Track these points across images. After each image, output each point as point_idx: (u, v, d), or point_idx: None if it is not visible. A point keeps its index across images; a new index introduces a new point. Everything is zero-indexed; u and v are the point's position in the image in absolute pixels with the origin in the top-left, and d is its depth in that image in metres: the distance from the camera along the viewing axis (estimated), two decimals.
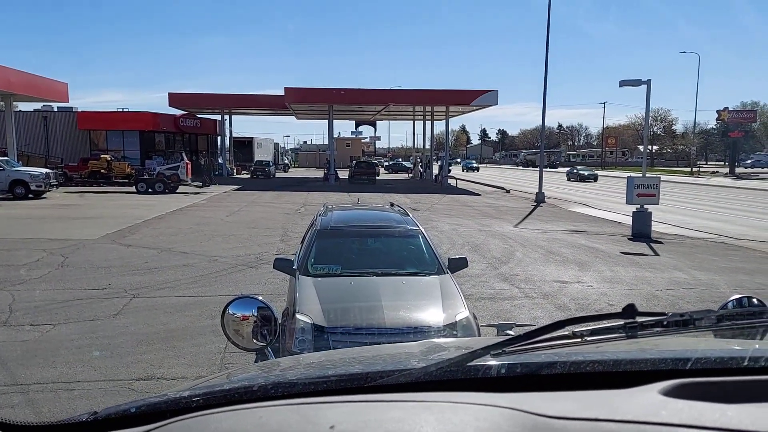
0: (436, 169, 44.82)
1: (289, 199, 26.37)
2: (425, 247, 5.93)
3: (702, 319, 1.15)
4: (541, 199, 26.47)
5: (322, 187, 35.14)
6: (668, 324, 1.12)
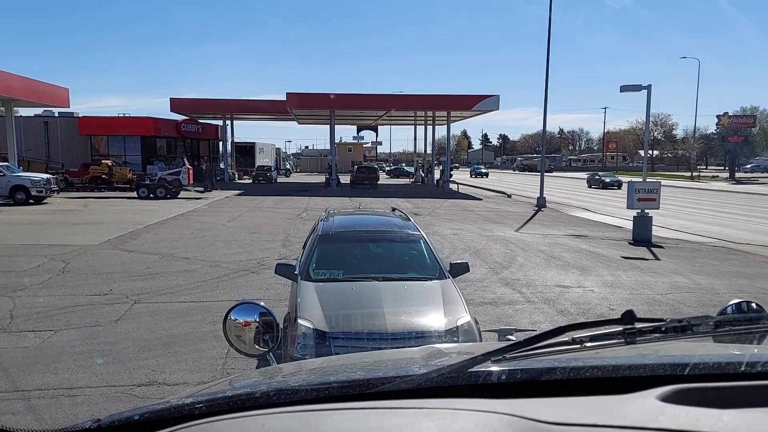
0: (437, 174, 44.83)
1: (290, 204, 26.38)
2: (427, 252, 5.93)
3: (700, 325, 1.16)
4: (542, 203, 26.48)
5: (323, 191, 35.15)
6: (666, 330, 1.13)
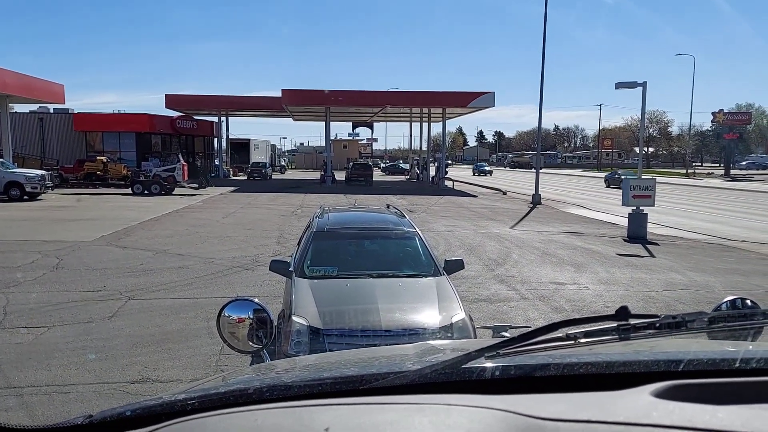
0: (433, 171, 44.83)
1: (285, 200, 26.35)
2: (421, 249, 5.93)
3: (694, 321, 1.16)
4: (537, 200, 26.53)
5: (318, 188, 35.11)
6: (661, 326, 1.13)
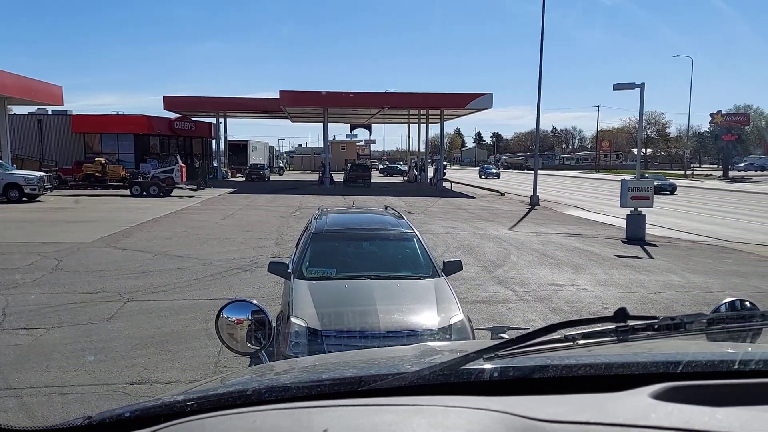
0: (431, 172, 44.82)
1: (283, 202, 26.33)
2: (420, 251, 5.93)
3: (693, 323, 1.16)
4: (535, 202, 26.54)
5: (317, 190, 35.09)
6: (659, 327, 1.13)
